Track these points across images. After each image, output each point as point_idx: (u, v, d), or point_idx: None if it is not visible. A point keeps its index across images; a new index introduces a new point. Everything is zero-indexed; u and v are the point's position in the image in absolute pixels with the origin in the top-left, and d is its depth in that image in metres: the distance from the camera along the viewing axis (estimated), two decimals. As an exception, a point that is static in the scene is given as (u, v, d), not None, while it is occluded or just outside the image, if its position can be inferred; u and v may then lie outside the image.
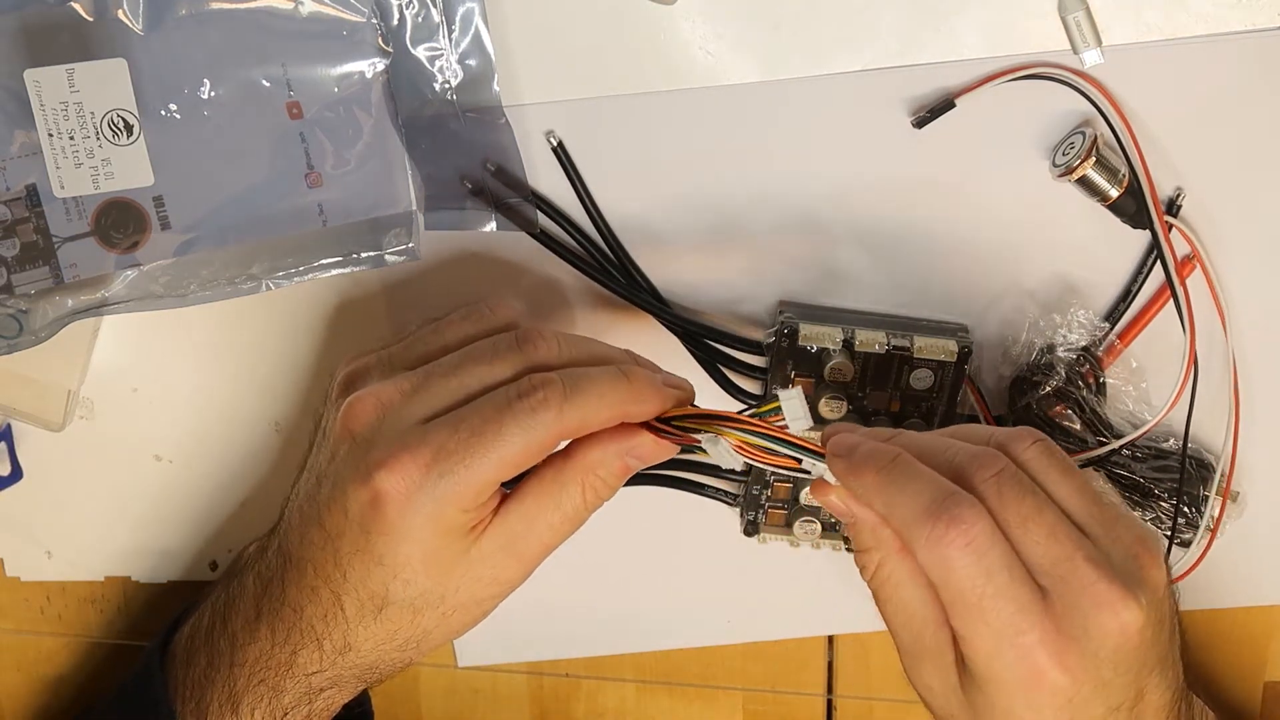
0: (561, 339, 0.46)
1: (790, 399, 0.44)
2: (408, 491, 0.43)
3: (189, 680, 0.49)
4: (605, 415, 0.44)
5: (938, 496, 0.43)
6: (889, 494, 0.44)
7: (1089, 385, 0.55)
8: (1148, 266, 0.55)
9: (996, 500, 0.43)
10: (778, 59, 0.52)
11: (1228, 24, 0.51)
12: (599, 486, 0.45)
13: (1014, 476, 0.44)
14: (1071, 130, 0.53)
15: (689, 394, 0.47)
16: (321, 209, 0.50)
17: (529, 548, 0.46)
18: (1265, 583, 0.61)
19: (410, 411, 0.44)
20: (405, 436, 0.43)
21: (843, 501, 0.46)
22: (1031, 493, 0.44)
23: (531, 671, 0.63)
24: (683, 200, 0.54)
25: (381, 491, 0.43)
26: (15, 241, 0.49)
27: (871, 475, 0.45)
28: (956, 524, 0.42)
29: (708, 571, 0.61)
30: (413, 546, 0.44)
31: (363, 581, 0.45)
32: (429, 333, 0.48)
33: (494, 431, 0.43)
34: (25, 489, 0.58)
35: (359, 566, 0.44)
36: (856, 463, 0.45)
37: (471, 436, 0.43)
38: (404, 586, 0.45)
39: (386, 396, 0.45)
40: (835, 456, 0.46)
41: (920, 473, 0.44)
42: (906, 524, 0.43)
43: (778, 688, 0.64)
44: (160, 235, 0.49)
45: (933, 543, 0.43)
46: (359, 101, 0.49)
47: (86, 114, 0.48)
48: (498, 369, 0.45)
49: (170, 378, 0.57)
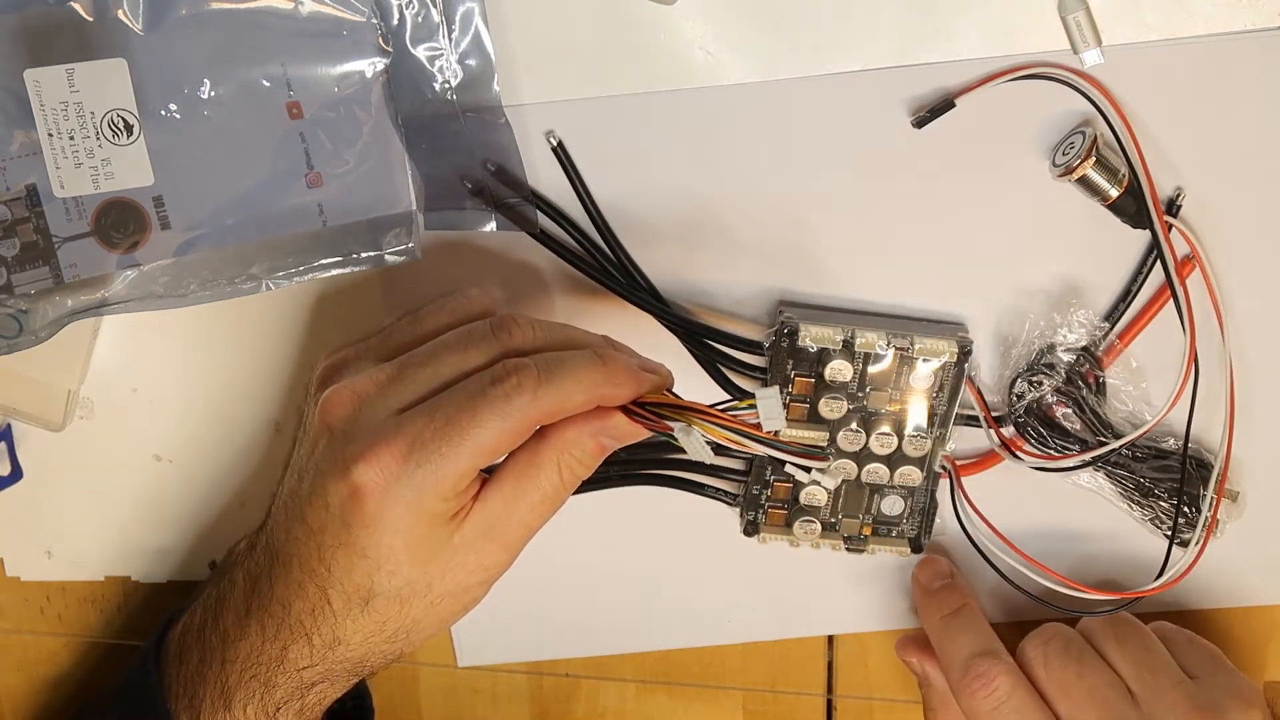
0: (536, 325, 0.46)
1: (766, 398, 0.44)
2: (386, 483, 0.43)
3: (182, 677, 0.49)
4: (580, 399, 0.44)
5: (977, 650, 0.54)
6: (944, 639, 0.56)
7: (1089, 385, 0.55)
8: (1148, 266, 0.55)
9: (1042, 668, 0.54)
10: (778, 59, 0.52)
11: (1228, 24, 0.51)
12: (574, 465, 0.45)
13: (1062, 647, 0.54)
14: (1071, 130, 0.53)
15: (666, 379, 0.46)
16: (321, 209, 0.50)
17: (511, 531, 0.46)
18: (1265, 583, 0.61)
19: (386, 402, 0.44)
20: (381, 428, 0.43)
21: (920, 664, 0.58)
22: (1076, 660, 0.54)
23: (531, 671, 0.63)
24: (683, 200, 0.54)
25: (360, 484, 0.43)
26: (15, 241, 0.49)
27: (936, 617, 0.57)
28: (982, 677, 0.53)
29: (708, 571, 0.61)
30: (395, 537, 0.44)
31: (347, 574, 0.45)
32: (406, 324, 0.48)
33: (469, 419, 0.43)
34: (25, 489, 0.58)
35: (342, 560, 0.44)
36: (927, 596, 0.57)
37: (447, 425, 0.43)
38: (389, 578, 0.45)
39: (362, 388, 0.45)
40: (916, 580, 0.58)
41: (974, 622, 0.56)
42: (950, 669, 0.55)
43: (778, 688, 0.64)
44: (160, 235, 0.49)
45: (963, 691, 0.54)
46: (359, 101, 0.49)
47: (86, 114, 0.48)
48: (472, 356, 0.45)
49: (170, 378, 0.57)
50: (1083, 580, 0.57)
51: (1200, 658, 0.55)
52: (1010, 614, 0.62)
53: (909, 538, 0.58)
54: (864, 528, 0.58)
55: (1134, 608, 0.58)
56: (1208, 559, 0.56)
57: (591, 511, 0.58)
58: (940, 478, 0.57)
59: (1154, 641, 0.55)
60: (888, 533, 0.58)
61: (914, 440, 0.56)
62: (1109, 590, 0.57)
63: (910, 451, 0.56)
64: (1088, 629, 0.56)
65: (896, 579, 0.60)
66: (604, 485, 0.58)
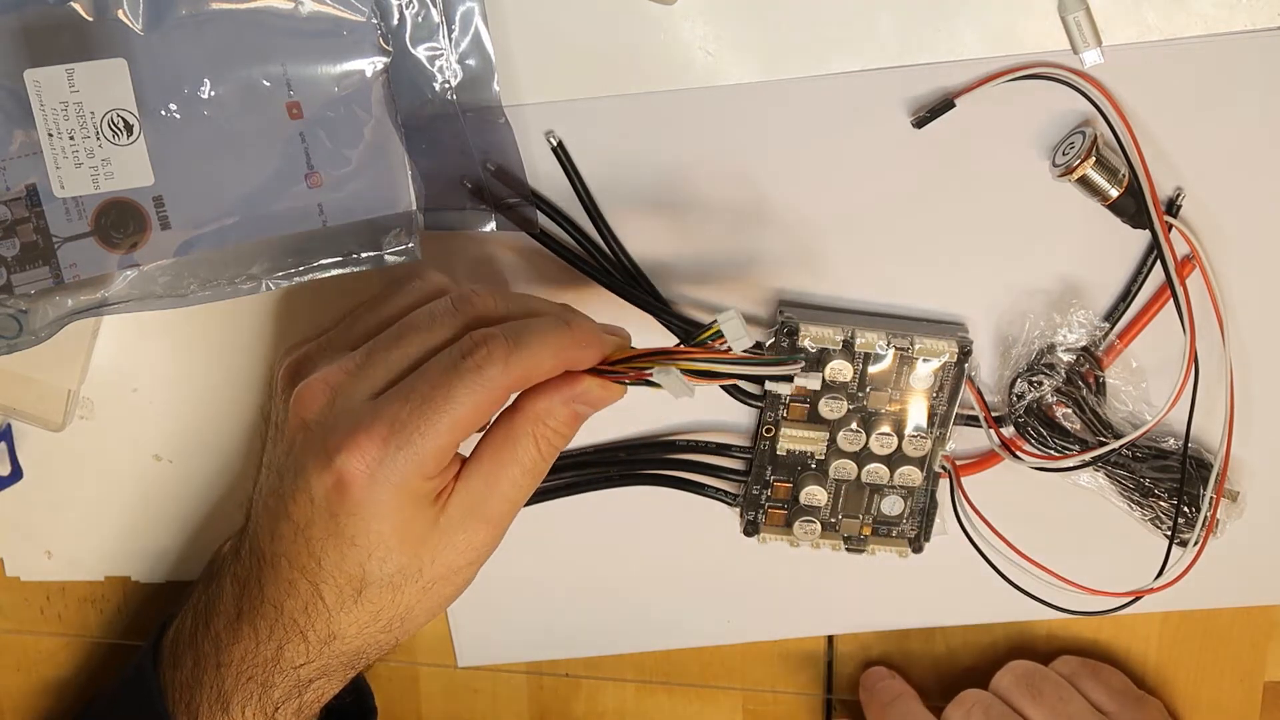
0: (496, 295, 0.46)
1: (729, 319, 0.45)
2: (370, 469, 0.43)
3: (177, 682, 0.49)
4: (550, 364, 0.44)
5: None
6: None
7: (1089, 385, 0.55)
8: (1148, 266, 0.55)
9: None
10: (778, 59, 0.52)
11: (1228, 24, 0.51)
12: (550, 436, 0.46)
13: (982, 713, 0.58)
14: (1071, 130, 0.53)
15: (627, 339, 0.47)
16: (321, 209, 0.50)
17: (495, 508, 0.46)
18: (1265, 582, 0.62)
19: (359, 389, 0.44)
20: (358, 415, 0.43)
21: None
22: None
23: (531, 671, 0.63)
24: (682, 200, 0.54)
25: (344, 473, 0.43)
26: (15, 241, 0.49)
27: (876, 706, 0.61)
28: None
29: (708, 571, 0.61)
30: (383, 522, 0.44)
31: (339, 566, 0.45)
32: (365, 311, 0.48)
33: (444, 395, 0.43)
34: (25, 489, 0.58)
35: (333, 551, 0.44)
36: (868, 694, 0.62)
37: (423, 404, 0.43)
38: (380, 564, 0.45)
39: (334, 379, 0.45)
40: (862, 684, 0.63)
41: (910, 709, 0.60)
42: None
43: (778, 688, 0.64)
44: (160, 235, 0.49)
45: None
46: (359, 101, 0.49)
47: (86, 114, 0.48)
48: (438, 333, 0.45)
49: (170, 378, 0.57)
50: (1083, 580, 0.57)
51: (1110, 691, 0.60)
52: (1010, 614, 0.62)
53: (909, 538, 0.58)
54: (864, 528, 0.58)
55: (1131, 609, 0.58)
56: (1208, 559, 0.56)
57: (592, 511, 0.58)
58: (940, 478, 0.57)
59: (1067, 689, 0.59)
60: (888, 533, 0.58)
61: (914, 440, 0.56)
62: (1108, 590, 0.57)
63: (910, 451, 0.56)
64: (1001, 689, 0.60)
65: (896, 579, 0.60)
66: (604, 485, 0.58)
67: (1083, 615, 0.59)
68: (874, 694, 0.62)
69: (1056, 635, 0.63)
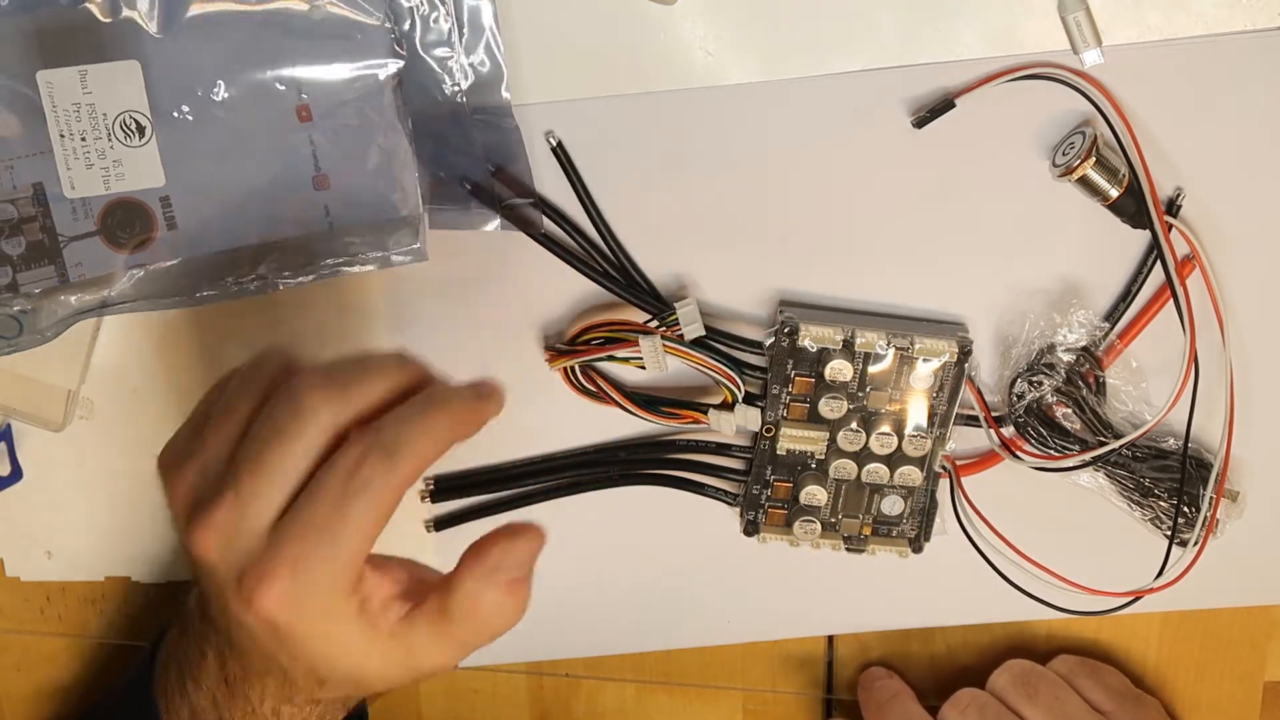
0: (329, 379, 0.44)
1: (685, 306, 0.51)
2: (290, 603, 0.42)
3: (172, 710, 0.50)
4: (435, 452, 0.43)
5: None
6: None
7: (1089, 385, 0.55)
8: (1148, 266, 0.55)
9: None
10: (778, 59, 0.52)
11: (1228, 24, 0.52)
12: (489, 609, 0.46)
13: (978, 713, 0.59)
14: (1071, 130, 0.53)
15: (500, 397, 0.45)
16: (328, 210, 0.50)
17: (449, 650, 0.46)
18: (1265, 582, 0.62)
19: (249, 526, 0.43)
20: (260, 560, 0.42)
21: None
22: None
23: (531, 671, 0.63)
24: (682, 200, 0.54)
25: (267, 616, 0.42)
26: (21, 240, 0.49)
27: (873, 705, 0.61)
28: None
29: (708, 571, 0.61)
30: (317, 643, 0.44)
31: (295, 667, 0.45)
32: (221, 415, 0.45)
33: (340, 521, 0.42)
34: (25, 489, 0.58)
35: (285, 659, 0.44)
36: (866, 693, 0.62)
37: (322, 534, 0.42)
38: (331, 669, 0.45)
39: (222, 520, 0.43)
40: (859, 685, 0.63)
41: (905, 708, 0.60)
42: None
43: (778, 688, 0.64)
44: (166, 235, 0.49)
45: None
46: (370, 104, 0.49)
47: (99, 115, 0.48)
48: (300, 446, 0.43)
49: (170, 378, 0.57)
50: (1082, 580, 0.57)
51: (1108, 690, 0.60)
52: (1010, 614, 0.62)
53: (909, 538, 0.58)
54: (864, 528, 0.58)
55: (1131, 609, 0.58)
56: (1207, 559, 0.56)
57: (592, 511, 0.58)
58: (940, 478, 0.57)
59: (1063, 689, 0.59)
60: (888, 533, 0.58)
61: (914, 440, 0.56)
62: (1108, 590, 0.57)
63: (910, 451, 0.56)
64: (998, 688, 0.60)
65: (896, 579, 0.60)
66: (604, 485, 0.58)
67: (1082, 615, 0.59)
68: (871, 693, 0.62)
69: (1056, 635, 0.63)
